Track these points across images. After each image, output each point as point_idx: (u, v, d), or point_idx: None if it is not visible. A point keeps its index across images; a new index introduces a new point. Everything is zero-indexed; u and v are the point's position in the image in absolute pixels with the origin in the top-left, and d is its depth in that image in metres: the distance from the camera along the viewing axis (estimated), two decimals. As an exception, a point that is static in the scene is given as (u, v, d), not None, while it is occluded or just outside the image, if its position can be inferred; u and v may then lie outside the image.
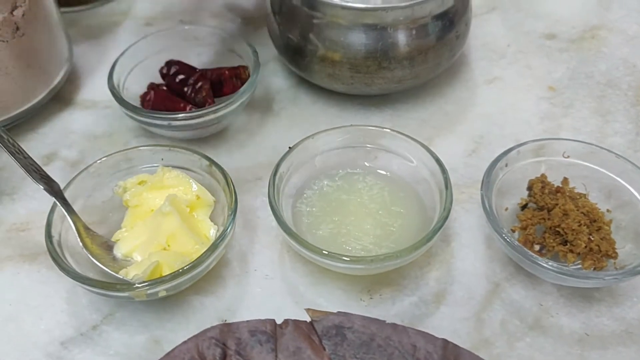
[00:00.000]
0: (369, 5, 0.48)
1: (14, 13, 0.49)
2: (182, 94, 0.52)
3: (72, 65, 0.57)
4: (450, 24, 0.50)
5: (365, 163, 0.46)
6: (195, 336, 0.32)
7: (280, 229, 0.40)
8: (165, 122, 0.48)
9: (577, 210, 0.41)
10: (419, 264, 0.43)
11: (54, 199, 0.42)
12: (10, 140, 0.43)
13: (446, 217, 0.40)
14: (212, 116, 0.48)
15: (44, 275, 0.44)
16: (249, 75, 0.52)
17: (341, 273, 0.41)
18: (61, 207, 0.41)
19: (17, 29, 0.49)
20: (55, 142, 0.53)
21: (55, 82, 0.55)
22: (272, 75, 0.58)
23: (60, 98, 0.56)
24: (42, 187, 0.42)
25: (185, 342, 0.32)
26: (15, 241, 0.46)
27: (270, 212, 0.41)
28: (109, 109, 0.55)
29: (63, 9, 0.59)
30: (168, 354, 0.32)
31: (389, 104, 0.54)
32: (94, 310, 0.42)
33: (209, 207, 0.44)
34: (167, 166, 0.45)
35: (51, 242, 0.40)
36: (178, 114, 0.48)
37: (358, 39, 0.49)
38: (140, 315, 0.41)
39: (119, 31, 0.65)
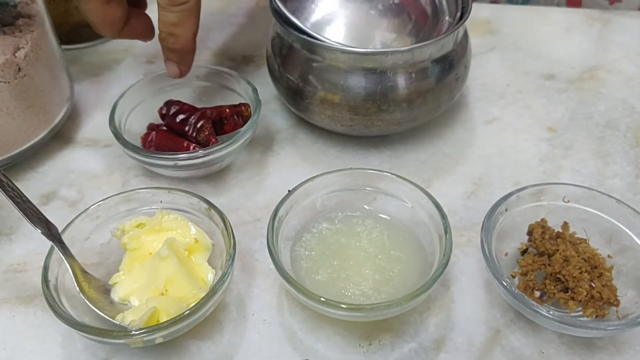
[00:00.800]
0: (368, 50, 0.48)
1: (16, 54, 0.49)
2: (183, 133, 0.52)
3: (72, 103, 0.58)
4: (450, 67, 0.51)
5: (365, 206, 0.46)
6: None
7: (279, 274, 0.40)
8: (171, 163, 0.48)
9: (578, 256, 0.41)
10: (418, 310, 0.42)
11: (51, 243, 0.41)
12: (9, 183, 0.42)
13: (446, 264, 0.39)
14: (217, 154, 0.48)
15: (39, 318, 0.43)
16: (250, 113, 0.52)
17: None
18: (59, 250, 0.41)
19: (19, 70, 0.50)
20: (54, 181, 0.53)
21: (56, 121, 0.55)
22: (272, 115, 0.58)
23: (61, 136, 0.56)
24: (40, 231, 0.42)
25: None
26: (12, 283, 0.46)
27: (269, 255, 0.41)
28: (109, 147, 0.55)
29: (64, 47, 0.60)
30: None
31: (388, 145, 0.54)
32: (89, 355, 0.41)
33: (207, 251, 0.44)
34: (166, 209, 0.45)
35: (47, 287, 0.39)
36: (183, 154, 0.48)
37: (357, 82, 0.49)
38: (137, 360, 0.41)
39: (120, 69, 0.65)
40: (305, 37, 0.49)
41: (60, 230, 0.43)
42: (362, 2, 0.52)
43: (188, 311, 0.38)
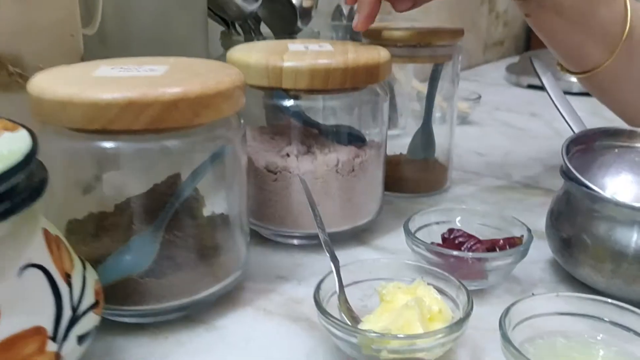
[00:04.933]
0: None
1: (355, 159, 0.66)
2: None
3: (379, 214, 0.72)
4: None
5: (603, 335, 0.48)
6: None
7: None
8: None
9: None
10: None
11: (332, 270, 0.53)
12: (321, 221, 0.56)
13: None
14: (485, 264, 0.57)
15: (297, 333, 0.53)
16: (522, 242, 0.59)
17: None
18: (335, 275, 0.52)
19: (352, 170, 0.66)
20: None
21: (366, 220, 0.69)
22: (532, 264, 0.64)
23: (361, 239, 0.70)
24: (332, 264, 0.53)
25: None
26: (288, 307, 0.57)
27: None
28: (394, 254, 0.67)
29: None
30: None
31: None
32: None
33: (447, 322, 0.50)
34: (424, 281, 0.53)
35: (317, 292, 0.50)
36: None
37: (626, 237, 0.53)
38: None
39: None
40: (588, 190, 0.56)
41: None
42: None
43: (419, 334, 0.44)
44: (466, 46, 1.75)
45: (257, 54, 0.62)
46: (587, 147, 0.63)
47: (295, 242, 0.68)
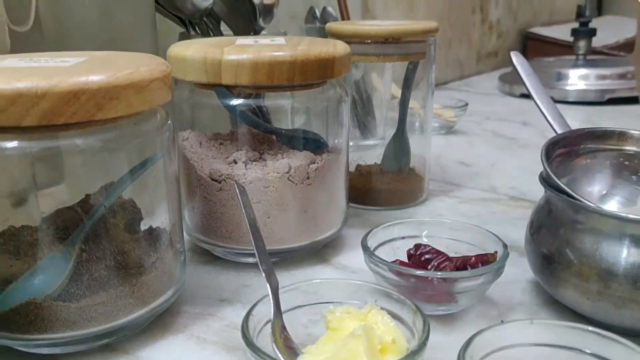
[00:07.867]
0: (636, 217, 0.45)
1: (310, 165, 0.58)
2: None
3: (342, 229, 0.64)
4: None
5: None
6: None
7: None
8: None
9: None
10: None
11: (269, 292, 0.45)
12: (261, 238, 0.49)
13: None
14: (463, 284, 0.49)
15: (232, 366, 0.46)
16: (496, 259, 0.51)
17: None
18: (271, 298, 0.44)
19: (307, 177, 0.58)
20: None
21: (328, 233, 0.61)
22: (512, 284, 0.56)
23: (321, 256, 0.62)
24: (268, 285, 0.46)
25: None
26: (226, 334, 0.49)
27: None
28: (356, 273, 0.59)
29: (353, 204, 0.68)
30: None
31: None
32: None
33: (401, 355, 0.42)
34: (378, 306, 0.45)
35: (247, 318, 0.42)
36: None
37: (614, 252, 0.45)
38: None
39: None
40: (570, 199, 0.48)
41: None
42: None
43: (355, 373, 0.36)
44: (458, 57, 1.68)
45: (196, 48, 0.55)
46: (570, 150, 0.55)
47: (251, 260, 0.61)
